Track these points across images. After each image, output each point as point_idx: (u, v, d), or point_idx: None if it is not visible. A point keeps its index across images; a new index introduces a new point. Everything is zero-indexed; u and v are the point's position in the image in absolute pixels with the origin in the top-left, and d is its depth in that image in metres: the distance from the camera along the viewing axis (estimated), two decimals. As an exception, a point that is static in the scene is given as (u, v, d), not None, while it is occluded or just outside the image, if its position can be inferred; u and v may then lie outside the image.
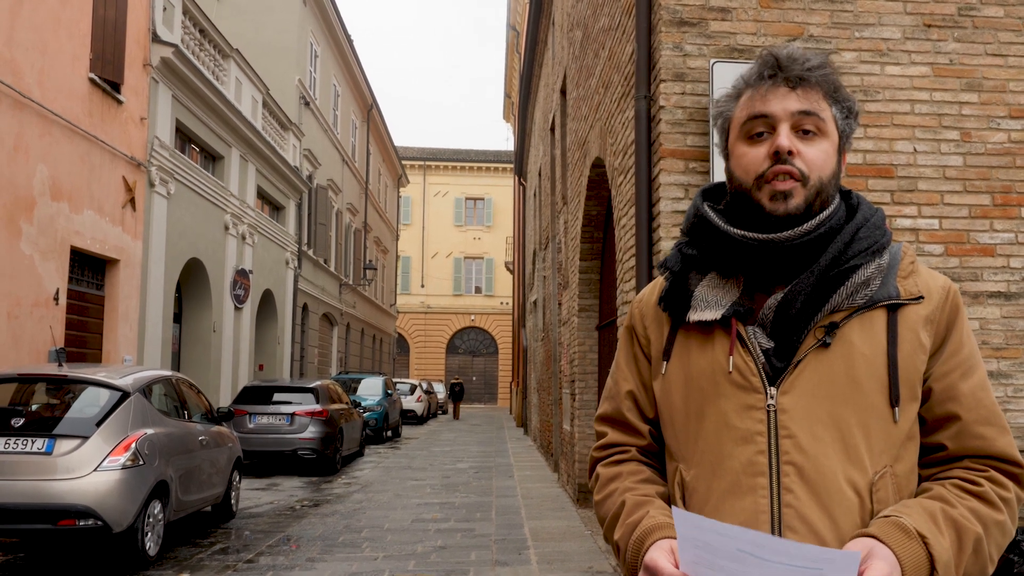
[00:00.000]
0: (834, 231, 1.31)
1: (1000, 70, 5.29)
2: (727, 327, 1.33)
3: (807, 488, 1.25)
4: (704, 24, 5.16)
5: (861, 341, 1.28)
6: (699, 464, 1.34)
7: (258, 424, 13.34)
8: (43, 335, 9.92)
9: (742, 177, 1.34)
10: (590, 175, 8.70)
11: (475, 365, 48.39)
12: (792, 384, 1.28)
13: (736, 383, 1.30)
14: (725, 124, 1.40)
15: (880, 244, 1.33)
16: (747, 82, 1.37)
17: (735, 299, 1.34)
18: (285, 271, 20.52)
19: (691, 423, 1.35)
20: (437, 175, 48.18)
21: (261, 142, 17.42)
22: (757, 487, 1.27)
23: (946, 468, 1.32)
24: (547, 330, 15.41)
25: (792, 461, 1.26)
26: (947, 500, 1.25)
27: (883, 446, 1.28)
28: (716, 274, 1.37)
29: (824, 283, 1.29)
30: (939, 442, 1.33)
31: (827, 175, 1.32)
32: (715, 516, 1.28)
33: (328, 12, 24.40)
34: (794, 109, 1.31)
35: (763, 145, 1.32)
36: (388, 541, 7.93)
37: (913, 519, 1.20)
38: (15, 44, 9.45)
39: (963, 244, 5.18)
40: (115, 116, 11.70)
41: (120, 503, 6.33)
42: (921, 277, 1.35)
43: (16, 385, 7.07)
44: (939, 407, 1.32)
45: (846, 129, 1.36)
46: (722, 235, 1.34)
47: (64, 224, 10.44)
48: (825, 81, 1.34)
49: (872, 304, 1.30)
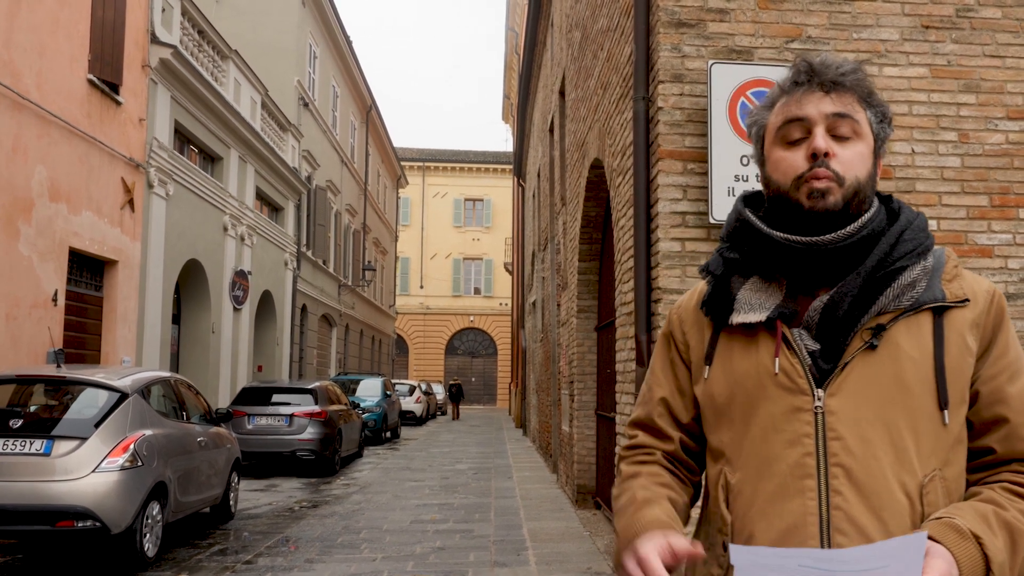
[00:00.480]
0: (877, 234, 1.32)
1: (998, 71, 5.30)
2: (772, 329, 1.33)
3: (856, 490, 1.25)
4: (702, 25, 5.17)
5: (908, 344, 1.28)
6: (745, 466, 1.34)
7: (257, 425, 13.33)
8: (42, 336, 9.92)
9: (780, 180, 1.35)
10: (589, 176, 8.70)
11: (474, 366, 48.39)
12: (840, 386, 1.28)
13: (783, 385, 1.30)
14: (760, 132, 1.42)
15: (925, 247, 1.34)
16: (782, 89, 1.39)
17: (779, 302, 1.35)
18: (284, 272, 20.51)
19: (736, 425, 1.36)
20: (436, 176, 48.18)
21: (260, 143, 17.41)
22: (805, 489, 1.26)
23: (995, 472, 1.32)
24: (546, 331, 15.41)
25: (841, 463, 1.26)
26: (998, 503, 1.25)
27: (932, 449, 1.27)
28: (759, 277, 1.38)
29: (870, 285, 1.29)
30: (987, 446, 1.32)
31: (863, 176, 1.33)
32: (762, 518, 1.29)
33: (327, 13, 24.40)
34: (829, 112, 1.32)
35: (800, 149, 1.33)
36: (387, 542, 7.93)
37: (966, 520, 1.20)
38: (13, 45, 9.45)
39: (961, 245, 5.19)
40: (114, 117, 11.70)
41: (118, 504, 6.32)
42: (966, 280, 1.35)
43: (14, 386, 7.06)
44: (987, 410, 1.32)
45: (880, 133, 1.38)
46: (764, 238, 1.35)
47: (63, 225, 10.43)
48: (859, 85, 1.35)
49: (918, 306, 1.30)
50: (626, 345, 6.14)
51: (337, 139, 26.79)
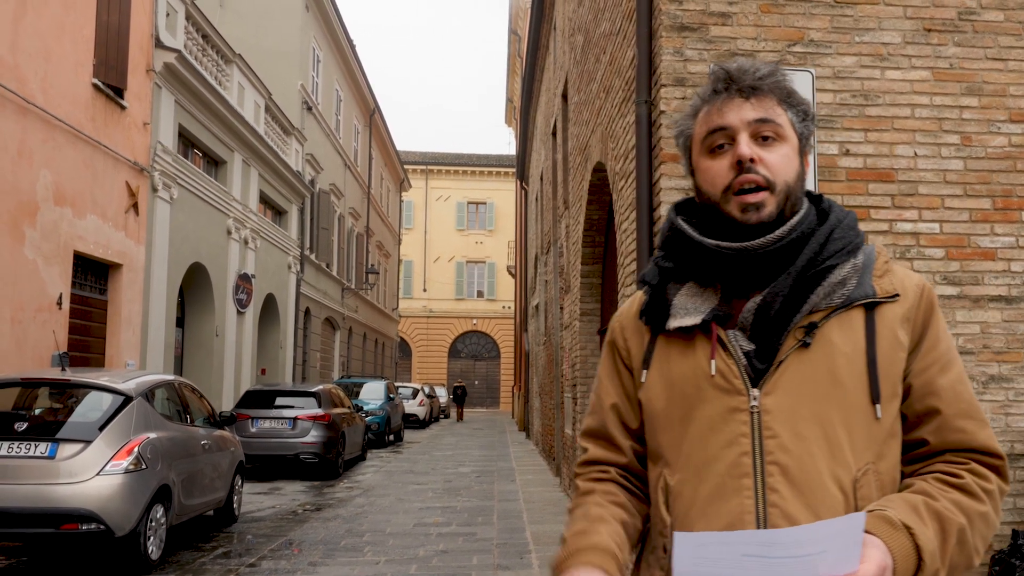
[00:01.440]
0: (807, 235, 1.33)
1: (1000, 74, 5.30)
2: (707, 332, 1.35)
3: (792, 487, 1.26)
4: (704, 29, 5.18)
5: (841, 340, 1.30)
6: (684, 468, 1.35)
7: (260, 428, 13.35)
8: (46, 340, 9.95)
9: (709, 191, 1.36)
10: (591, 179, 8.71)
11: (477, 369, 48.39)
12: (775, 385, 1.29)
13: (719, 386, 1.32)
14: (687, 142, 1.44)
15: (854, 244, 1.35)
16: (702, 98, 1.40)
17: (714, 305, 1.36)
18: (287, 275, 20.54)
19: (675, 428, 1.37)
20: (439, 179, 48.23)
21: (264, 147, 17.45)
22: (742, 488, 1.28)
23: (928, 463, 1.34)
24: (549, 334, 15.42)
25: (776, 461, 1.27)
26: (929, 493, 1.27)
27: (866, 443, 1.29)
28: (694, 283, 1.39)
29: (801, 284, 1.31)
30: (920, 438, 1.34)
31: (792, 178, 1.34)
32: (701, 519, 1.30)
33: (330, 17, 24.46)
34: (750, 118, 1.34)
35: (725, 157, 1.35)
36: (390, 545, 7.94)
37: (898, 512, 1.22)
38: (19, 50, 9.49)
39: (964, 248, 5.19)
40: (118, 121, 11.74)
41: (123, 507, 6.34)
42: (896, 276, 1.37)
43: (19, 389, 7.10)
44: (919, 403, 1.34)
45: (804, 132, 1.39)
46: (697, 246, 1.36)
47: (67, 229, 10.47)
48: (777, 88, 1.36)
49: (849, 303, 1.31)
50: (629, 348, 6.13)
51: (340, 143, 26.83)
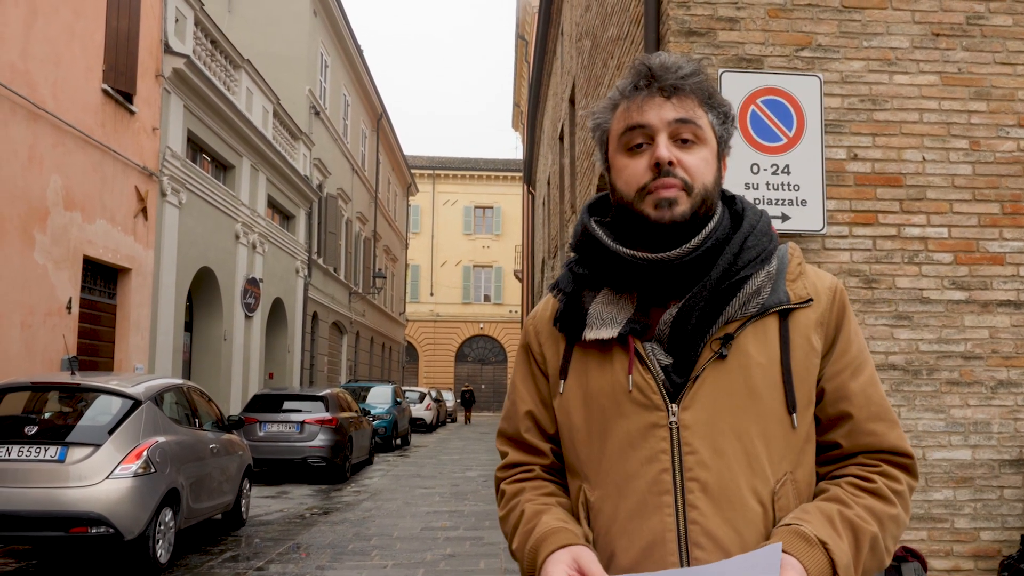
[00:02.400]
0: (721, 243, 1.31)
1: (1009, 79, 5.29)
2: (625, 344, 1.31)
3: (712, 503, 1.24)
4: (712, 34, 5.19)
5: (756, 350, 1.28)
6: (604, 484, 1.31)
7: (268, 432, 13.38)
8: (56, 344, 9.99)
9: (624, 190, 1.32)
10: (599, 184, 8.72)
11: (484, 373, 48.39)
12: (692, 399, 1.27)
13: (637, 402, 1.29)
14: (603, 136, 1.38)
15: (768, 251, 1.33)
16: (622, 93, 1.35)
17: (630, 315, 1.32)
18: (295, 280, 20.59)
19: (594, 443, 1.33)
20: (446, 184, 48.30)
21: (272, 151, 17.52)
22: (663, 505, 1.26)
23: (841, 465, 1.34)
24: (556, 338, 15.39)
25: (696, 477, 1.25)
26: (843, 501, 1.27)
27: (783, 452, 1.28)
28: (609, 290, 1.35)
29: (717, 295, 1.28)
30: (834, 440, 1.34)
31: (710, 182, 1.31)
32: (622, 536, 1.28)
33: (338, 22, 24.54)
34: (671, 118, 1.30)
35: (643, 157, 1.31)
36: (397, 549, 7.95)
37: (813, 526, 1.21)
38: (29, 56, 9.56)
39: (972, 253, 5.18)
40: (127, 126, 11.80)
41: (132, 511, 6.36)
42: (808, 279, 1.35)
43: (29, 393, 7.13)
44: (832, 407, 1.33)
45: (724, 135, 1.36)
46: (612, 254, 1.32)
47: (77, 233, 10.52)
48: (699, 89, 1.32)
49: (764, 311, 1.30)
50: (637, 353, 6.14)
51: (348, 147, 26.90)
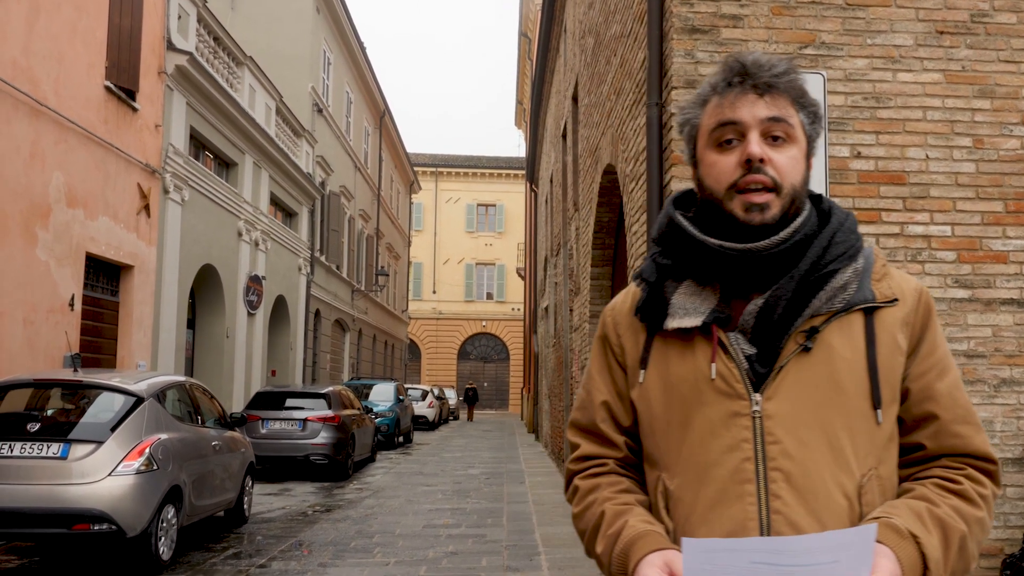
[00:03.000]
0: (809, 237, 1.31)
1: (1013, 76, 5.28)
2: (707, 334, 1.32)
3: (795, 494, 1.25)
4: (716, 31, 5.17)
5: (841, 345, 1.29)
6: (684, 473, 1.32)
7: (271, 430, 13.39)
8: (58, 341, 10.01)
9: (713, 186, 1.33)
10: (602, 182, 8.71)
11: (486, 371, 48.39)
12: (776, 389, 1.28)
13: (720, 390, 1.29)
14: (692, 132, 1.39)
15: (855, 248, 1.34)
16: (714, 88, 1.35)
17: (714, 306, 1.33)
18: (298, 277, 20.60)
19: (674, 431, 1.34)
20: (449, 181, 48.28)
21: (274, 149, 17.52)
22: (745, 494, 1.26)
23: (925, 467, 1.34)
24: (558, 336, 15.41)
25: (779, 467, 1.26)
26: (931, 500, 1.27)
27: (868, 448, 1.28)
28: (692, 281, 1.36)
29: (804, 288, 1.29)
30: (918, 442, 1.34)
31: (799, 181, 1.32)
32: (703, 525, 1.28)
33: (341, 20, 24.53)
34: (763, 116, 1.30)
35: (733, 153, 1.31)
36: (400, 546, 7.95)
37: (904, 520, 1.21)
38: (32, 53, 9.56)
39: (976, 251, 5.16)
40: (130, 123, 11.81)
41: (134, 508, 6.37)
42: (894, 280, 1.35)
43: (32, 390, 7.14)
44: (917, 407, 1.33)
45: (812, 135, 1.36)
46: (698, 244, 1.33)
47: (79, 231, 10.53)
48: (792, 87, 1.33)
49: (849, 308, 1.30)
50: (639, 350, 6.12)
51: (351, 145, 26.90)
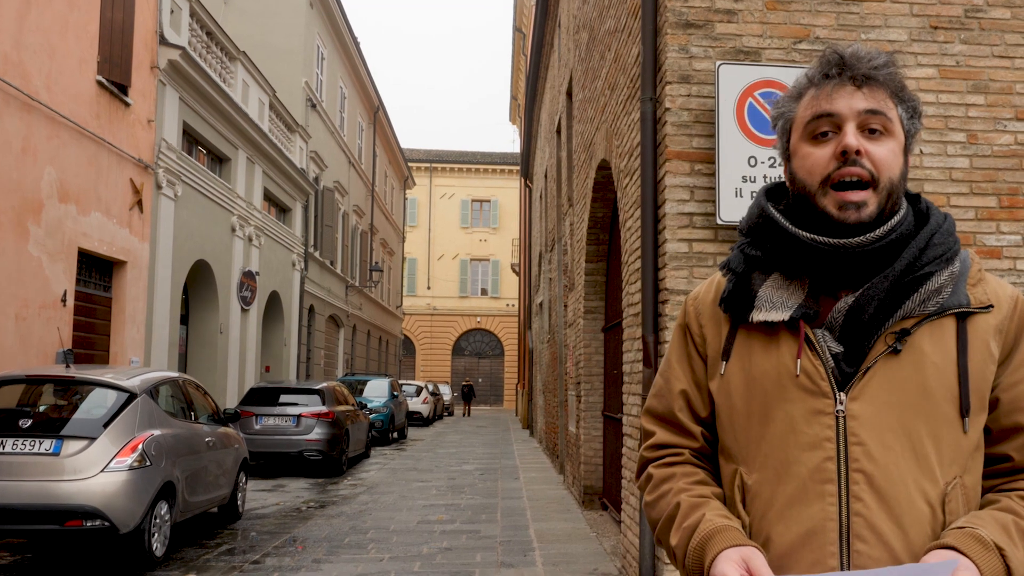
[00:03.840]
0: (905, 237, 1.28)
1: (1007, 72, 5.28)
2: (793, 329, 1.30)
3: (877, 497, 1.23)
4: (710, 26, 5.16)
5: (932, 349, 1.26)
6: (763, 468, 1.30)
7: (264, 425, 13.37)
8: (51, 337, 9.96)
9: (806, 179, 1.30)
10: (596, 177, 8.70)
11: (481, 367, 48.39)
12: (862, 390, 1.25)
13: (804, 387, 1.27)
14: (787, 125, 1.37)
15: (953, 251, 1.30)
16: (811, 81, 1.33)
17: (801, 301, 1.30)
18: (291, 273, 20.55)
19: (754, 425, 1.32)
20: (443, 177, 48.21)
21: (268, 144, 17.46)
22: (825, 494, 1.24)
23: (1011, 480, 1.30)
24: (553, 332, 15.41)
25: (862, 469, 1.23)
26: (1018, 513, 1.24)
27: (953, 456, 1.25)
28: (780, 275, 1.34)
29: (898, 289, 1.26)
30: (1005, 453, 1.30)
31: (896, 175, 1.29)
32: (780, 522, 1.26)
33: (335, 14, 24.45)
34: (861, 108, 1.28)
35: (828, 145, 1.28)
36: (394, 542, 7.94)
37: (989, 531, 1.19)
38: (23, 47, 9.50)
39: (969, 246, 5.17)
40: (122, 118, 11.75)
41: (127, 504, 6.35)
42: (990, 285, 1.32)
43: (24, 386, 7.10)
44: (1006, 418, 1.29)
45: (911, 129, 1.34)
46: (790, 237, 1.30)
47: (72, 226, 10.48)
48: (891, 80, 1.30)
49: (942, 312, 1.27)
50: (633, 346, 6.13)
51: (344, 140, 26.83)
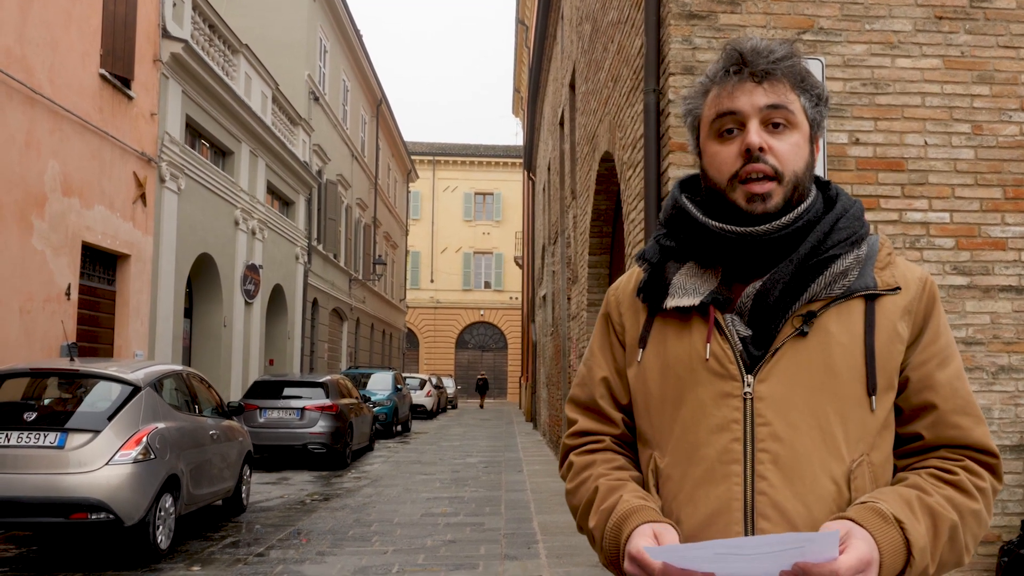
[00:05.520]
0: (812, 223, 1.31)
1: (1012, 62, 5.25)
2: (705, 314, 1.33)
3: (782, 476, 1.24)
4: (713, 17, 5.14)
5: (839, 330, 1.28)
6: (674, 451, 1.33)
7: (268, 418, 13.40)
8: (55, 330, 9.98)
9: (716, 176, 1.33)
10: (599, 169, 8.68)
11: (484, 360, 48.44)
12: (769, 372, 1.28)
13: (713, 370, 1.30)
14: (695, 122, 1.40)
15: (859, 235, 1.33)
16: (712, 79, 1.36)
17: (713, 288, 1.34)
18: (295, 266, 20.57)
19: (667, 410, 1.35)
20: (446, 170, 48.19)
21: (271, 137, 17.46)
22: (731, 474, 1.26)
23: (922, 458, 1.33)
24: (556, 325, 15.40)
25: (767, 449, 1.25)
26: (923, 488, 1.26)
27: (860, 435, 1.28)
28: (695, 263, 1.37)
29: (803, 272, 1.29)
30: (915, 432, 1.33)
31: (801, 168, 1.31)
32: (689, 503, 1.29)
33: (337, 7, 24.41)
34: (762, 104, 1.30)
35: (734, 143, 1.31)
36: (398, 535, 7.96)
37: (890, 504, 1.20)
38: (26, 41, 9.50)
39: (974, 238, 5.15)
40: (125, 112, 11.75)
41: (132, 497, 6.37)
42: (898, 268, 1.35)
43: (28, 380, 7.12)
44: (916, 396, 1.32)
45: (816, 117, 1.35)
46: (701, 227, 1.34)
47: (75, 219, 10.49)
48: (791, 72, 1.32)
49: (849, 294, 1.30)
50: (636, 338, 6.12)
51: (347, 133, 26.81)
